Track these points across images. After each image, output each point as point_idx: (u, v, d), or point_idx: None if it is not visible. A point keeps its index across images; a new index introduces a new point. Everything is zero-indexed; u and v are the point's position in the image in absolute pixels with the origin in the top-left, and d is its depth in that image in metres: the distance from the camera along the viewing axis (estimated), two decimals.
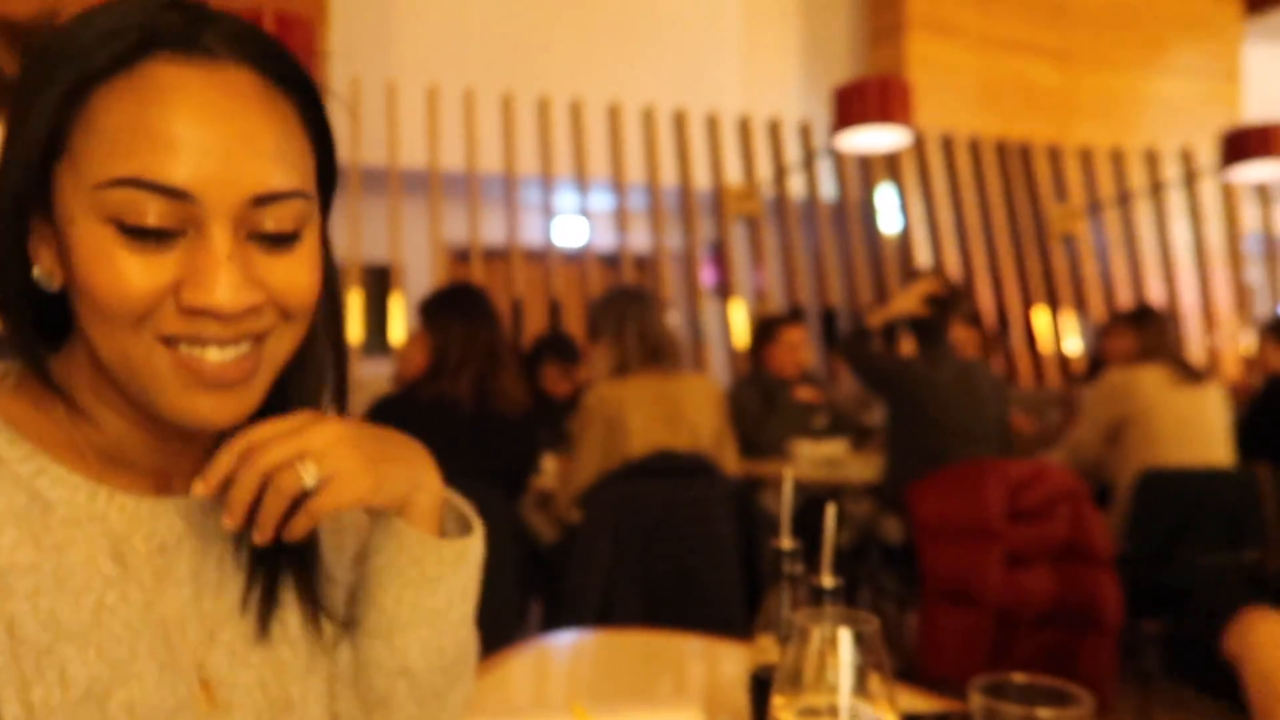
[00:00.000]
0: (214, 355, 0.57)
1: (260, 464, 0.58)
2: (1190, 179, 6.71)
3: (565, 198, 5.70)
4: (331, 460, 0.59)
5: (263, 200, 0.56)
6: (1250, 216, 7.14)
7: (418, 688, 0.70)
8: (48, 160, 0.56)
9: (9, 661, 0.54)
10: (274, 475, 0.58)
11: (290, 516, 0.59)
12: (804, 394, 3.90)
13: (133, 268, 0.54)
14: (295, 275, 0.59)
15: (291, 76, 0.60)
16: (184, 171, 0.53)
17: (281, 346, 0.61)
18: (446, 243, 5.49)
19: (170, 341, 0.56)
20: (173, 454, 0.65)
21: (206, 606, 0.64)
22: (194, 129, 0.54)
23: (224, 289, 0.55)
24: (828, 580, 0.72)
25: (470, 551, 0.69)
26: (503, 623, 2.09)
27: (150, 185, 0.53)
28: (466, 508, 0.72)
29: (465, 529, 0.71)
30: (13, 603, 0.55)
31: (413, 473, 0.66)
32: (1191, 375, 3.21)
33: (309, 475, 0.58)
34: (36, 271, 0.59)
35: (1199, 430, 3.15)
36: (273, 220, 0.57)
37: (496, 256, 5.67)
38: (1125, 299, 6.39)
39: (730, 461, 2.63)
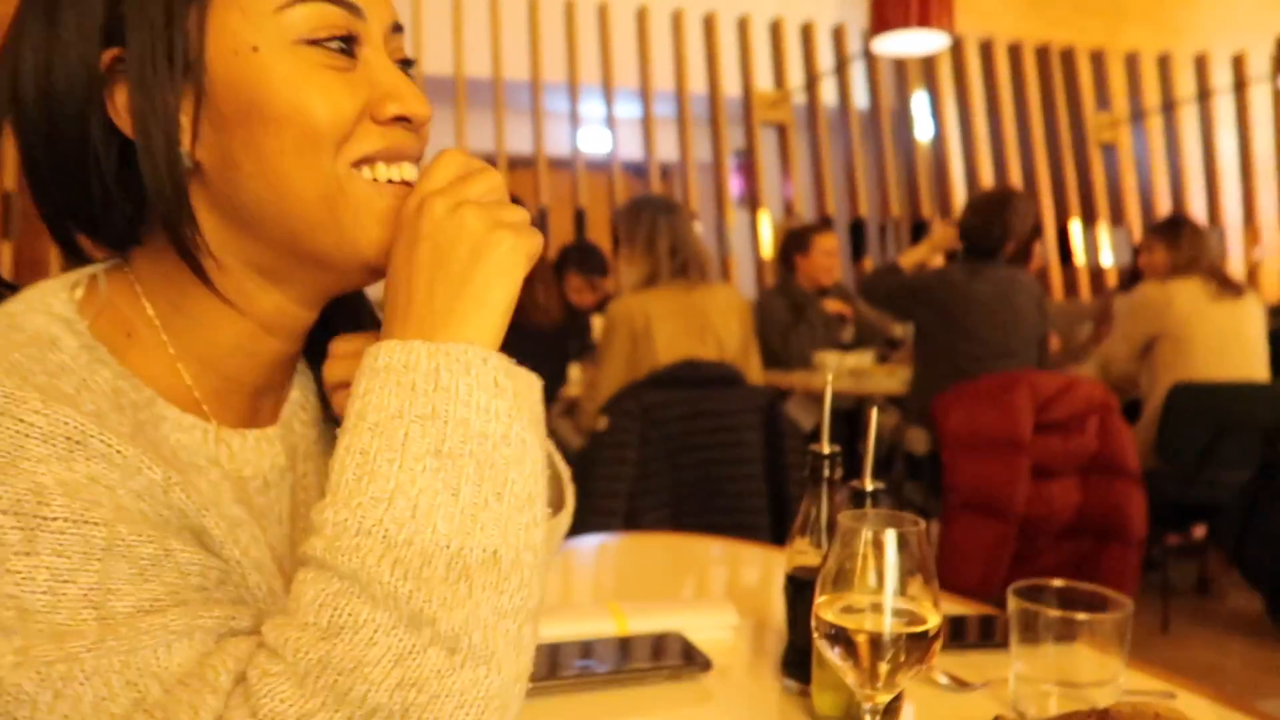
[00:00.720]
0: (409, 172, 0.58)
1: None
2: (1240, 86, 6.46)
3: (592, 106, 5.58)
4: None
5: (395, 29, 0.60)
6: None
7: None
8: (175, 11, 0.52)
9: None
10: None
11: None
12: (832, 306, 3.88)
13: (337, 84, 0.54)
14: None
15: None
16: None
17: None
18: (471, 152, 5.39)
19: (367, 163, 0.56)
20: (278, 363, 0.62)
21: (299, 539, 0.62)
22: None
23: (415, 95, 0.57)
24: (869, 483, 0.71)
25: (559, 528, 0.72)
26: None
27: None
28: (565, 476, 0.74)
29: (558, 504, 0.72)
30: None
31: None
32: (1230, 288, 3.14)
33: None
34: (184, 146, 0.53)
35: (1236, 345, 3.10)
36: (400, 50, 0.60)
37: (522, 166, 5.59)
38: (1165, 211, 6.23)
39: (754, 372, 2.62)
